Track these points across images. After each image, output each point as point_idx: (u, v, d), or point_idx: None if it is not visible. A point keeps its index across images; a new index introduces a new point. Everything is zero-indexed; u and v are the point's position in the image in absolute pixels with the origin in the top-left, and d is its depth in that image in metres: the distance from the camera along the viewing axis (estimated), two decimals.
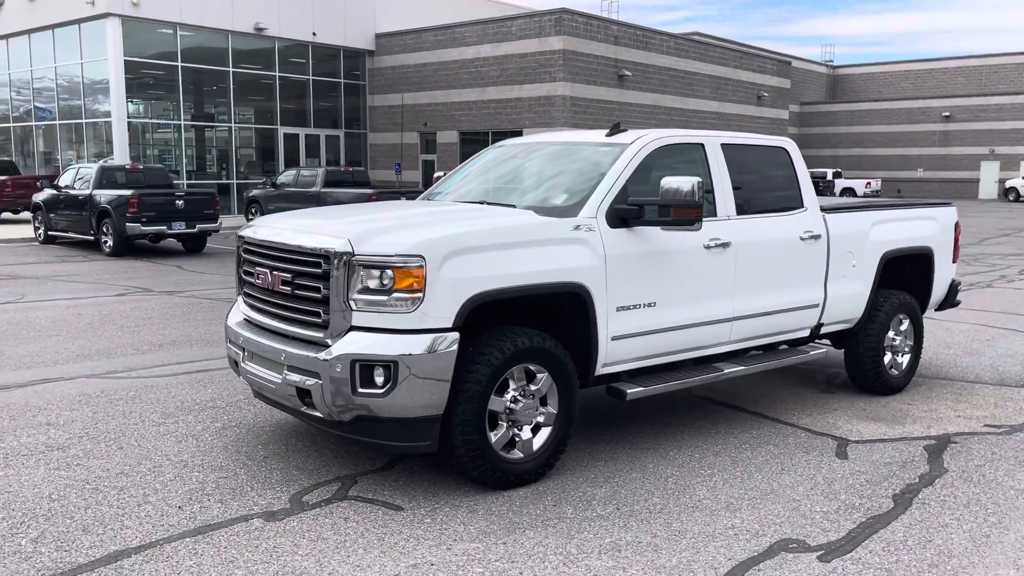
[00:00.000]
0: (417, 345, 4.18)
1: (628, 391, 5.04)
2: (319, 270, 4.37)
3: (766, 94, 36.86)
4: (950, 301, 7.60)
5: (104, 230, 17.30)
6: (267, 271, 4.73)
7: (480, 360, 4.36)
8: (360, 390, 4.23)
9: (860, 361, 6.71)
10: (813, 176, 42.68)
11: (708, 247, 5.36)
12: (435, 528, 4.08)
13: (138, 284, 12.92)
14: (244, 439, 5.37)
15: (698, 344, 5.48)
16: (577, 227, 4.80)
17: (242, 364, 4.91)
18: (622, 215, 4.95)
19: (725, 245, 5.45)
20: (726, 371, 5.64)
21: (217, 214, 18.25)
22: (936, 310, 7.66)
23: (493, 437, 4.49)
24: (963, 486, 4.81)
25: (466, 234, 4.42)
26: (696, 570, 3.69)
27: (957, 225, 7.42)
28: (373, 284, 4.24)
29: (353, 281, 4.26)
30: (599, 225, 4.88)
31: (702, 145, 5.62)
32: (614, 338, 4.92)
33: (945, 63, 53.71)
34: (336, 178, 23.14)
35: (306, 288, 4.48)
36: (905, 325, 6.98)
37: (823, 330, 6.42)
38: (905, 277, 7.12)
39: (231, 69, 29.16)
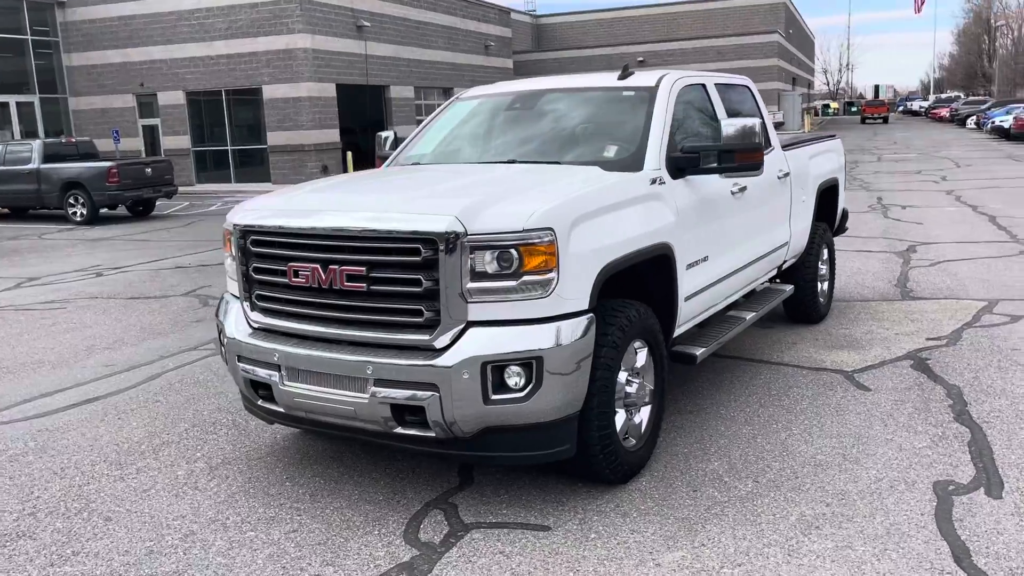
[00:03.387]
0: (558, 334, 3.51)
1: (697, 353, 4.71)
2: (417, 258, 3.50)
3: (492, 43, 37.38)
4: (842, 227, 8.10)
5: None
6: (317, 266, 3.71)
7: (605, 342, 3.78)
8: (493, 397, 3.48)
9: (802, 293, 6.90)
10: None
11: (733, 192, 5.14)
12: (615, 543, 3.51)
13: None
14: (257, 477, 4.30)
15: (728, 294, 5.28)
16: (652, 181, 4.33)
17: (282, 387, 3.86)
18: (679, 164, 4.55)
19: (743, 189, 5.26)
20: (747, 318, 5.50)
21: None
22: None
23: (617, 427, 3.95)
24: (989, 399, 5.08)
25: (579, 198, 3.77)
26: (909, 532, 3.51)
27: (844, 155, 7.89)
28: (492, 268, 3.48)
29: (464, 267, 3.47)
30: (667, 177, 4.44)
31: (703, 85, 5.35)
32: (686, 298, 4.55)
33: (633, 11, 57.95)
34: (57, 151, 19.81)
35: (394, 282, 3.58)
36: (826, 254, 7.31)
37: (784, 267, 6.51)
38: (817, 208, 7.43)
39: None
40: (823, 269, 7.22)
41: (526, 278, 3.48)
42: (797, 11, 65.65)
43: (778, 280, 6.76)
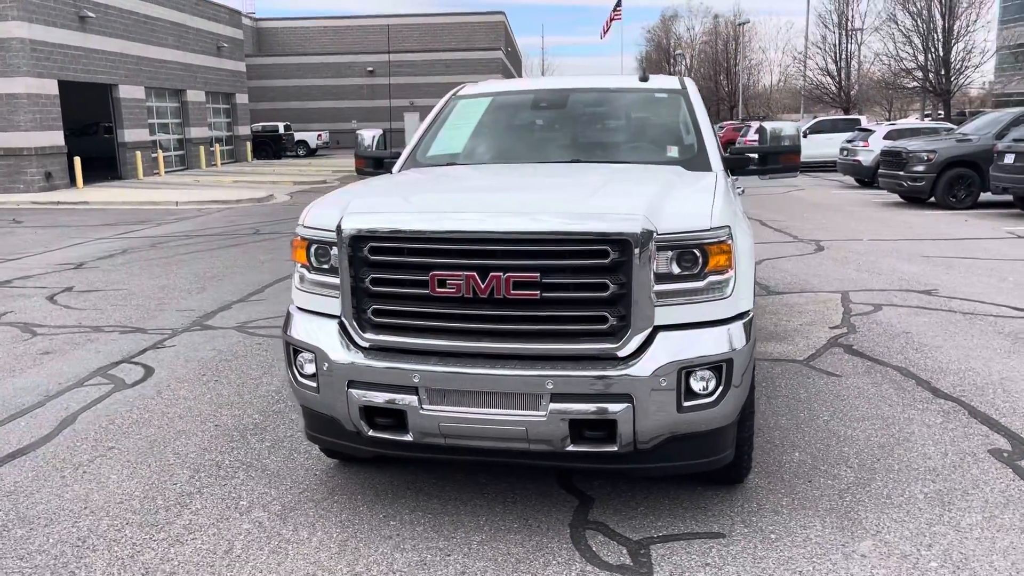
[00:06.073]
0: (738, 335, 3.44)
1: None
2: (605, 261, 3.24)
3: (225, 44, 35.16)
4: None
5: None
6: (473, 273, 3.28)
7: None
8: (685, 404, 3.32)
9: None
10: (267, 130, 42.32)
11: (739, 195, 5.34)
12: (800, 540, 3.50)
13: None
14: (350, 520, 3.70)
15: None
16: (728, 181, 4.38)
17: (423, 411, 3.35)
18: (730, 164, 4.65)
19: (743, 192, 5.48)
20: None
21: None
22: None
23: None
24: (942, 376, 5.73)
25: (722, 197, 3.70)
26: (1022, 498, 3.88)
27: None
28: (675, 269, 3.33)
29: (651, 269, 3.28)
30: (728, 177, 4.52)
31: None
32: None
33: (362, 21, 57.49)
34: None
35: (575, 288, 3.27)
36: None
37: None
38: None
39: None
40: None
41: (711, 278, 3.37)
42: (511, 30, 69.20)
43: None
